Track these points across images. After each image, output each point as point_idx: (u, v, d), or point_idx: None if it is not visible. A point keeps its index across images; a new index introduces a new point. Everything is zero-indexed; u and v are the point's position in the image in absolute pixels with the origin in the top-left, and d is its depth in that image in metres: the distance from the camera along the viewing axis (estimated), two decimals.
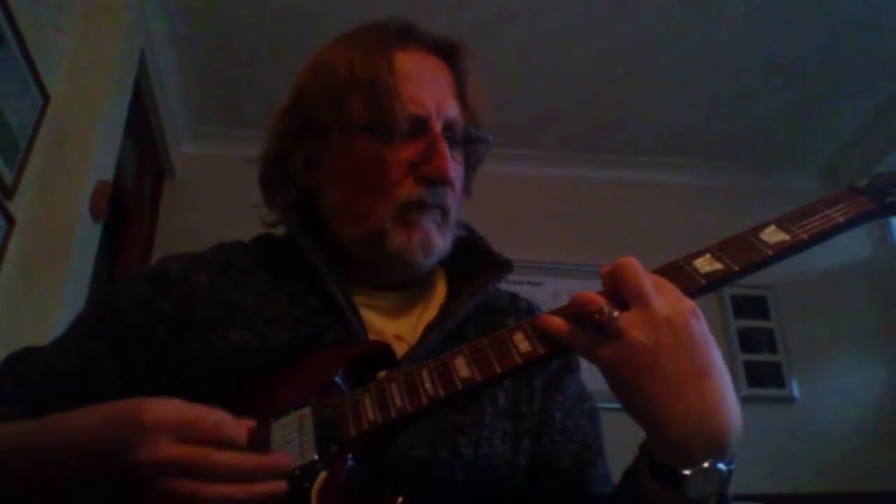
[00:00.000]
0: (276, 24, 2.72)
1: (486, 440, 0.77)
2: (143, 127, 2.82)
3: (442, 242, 0.85)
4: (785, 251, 0.66)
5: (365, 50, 0.85)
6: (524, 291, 0.98)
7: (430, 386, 0.66)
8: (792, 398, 3.18)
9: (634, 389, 0.60)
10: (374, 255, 0.85)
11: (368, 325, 0.83)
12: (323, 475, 0.64)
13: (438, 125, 0.83)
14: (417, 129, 0.83)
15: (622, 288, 0.63)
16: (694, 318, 0.61)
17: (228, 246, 0.93)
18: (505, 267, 0.90)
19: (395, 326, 0.85)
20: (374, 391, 0.68)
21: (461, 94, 0.88)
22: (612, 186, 3.49)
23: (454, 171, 0.84)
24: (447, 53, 0.90)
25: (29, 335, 1.67)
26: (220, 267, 0.87)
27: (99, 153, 2.11)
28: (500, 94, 2.87)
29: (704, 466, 0.59)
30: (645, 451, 0.64)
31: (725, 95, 3.14)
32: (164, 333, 0.80)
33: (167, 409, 0.61)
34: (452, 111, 0.86)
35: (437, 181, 0.82)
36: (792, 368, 3.21)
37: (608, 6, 2.68)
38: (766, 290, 3.30)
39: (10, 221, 1.80)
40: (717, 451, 0.59)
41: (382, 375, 0.71)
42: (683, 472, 0.59)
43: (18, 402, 0.77)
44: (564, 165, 3.49)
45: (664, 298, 0.62)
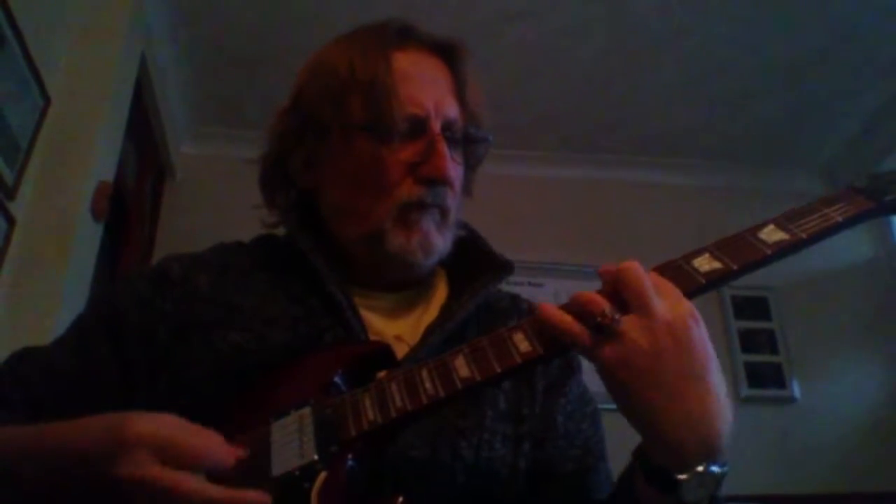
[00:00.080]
0: (276, 24, 2.72)
1: (486, 443, 0.76)
2: (143, 127, 2.82)
3: (442, 242, 0.85)
4: (784, 250, 0.66)
5: (364, 50, 0.85)
6: (525, 292, 0.98)
7: (429, 386, 0.66)
8: (793, 399, 3.18)
9: (632, 392, 0.61)
10: (373, 255, 0.85)
11: (368, 325, 0.83)
12: (323, 475, 0.64)
13: (437, 125, 0.83)
14: (416, 129, 0.83)
15: (624, 290, 0.63)
16: (693, 322, 0.62)
17: (228, 246, 0.93)
18: (506, 268, 0.90)
19: (395, 327, 0.85)
20: (373, 391, 0.68)
21: (460, 94, 0.88)
22: (612, 187, 3.49)
23: (453, 170, 0.84)
24: (446, 54, 0.90)
25: (29, 335, 1.67)
26: (220, 267, 0.87)
27: (100, 154, 2.11)
28: (500, 94, 2.88)
29: (699, 470, 0.59)
30: (639, 455, 0.65)
31: (725, 95, 3.14)
32: (164, 334, 0.80)
33: (152, 426, 0.60)
34: (451, 111, 0.86)
35: (436, 181, 0.82)
36: (793, 369, 3.21)
37: (608, 6, 2.68)
38: (767, 290, 3.30)
39: (10, 222, 1.80)
40: (710, 454, 0.60)
41: (382, 375, 0.71)
42: (678, 476, 0.59)
43: (19, 402, 0.77)
44: (564, 166, 3.49)
45: (665, 303, 0.62)
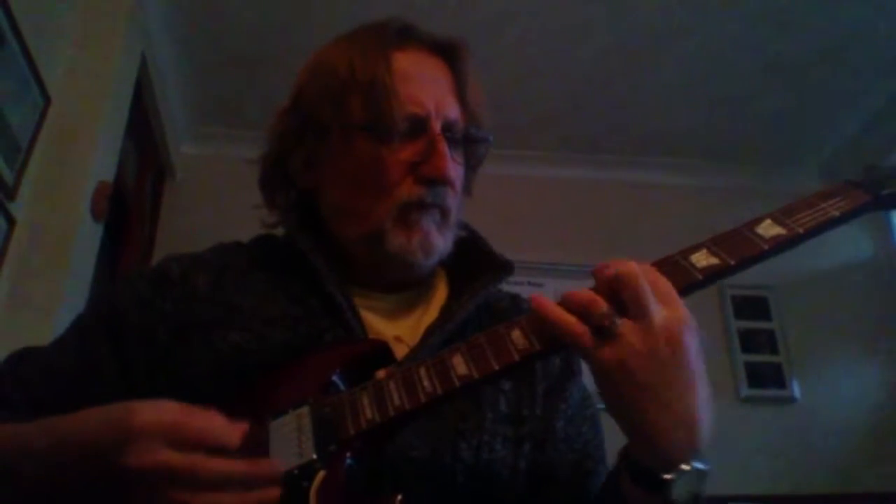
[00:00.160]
0: (276, 24, 2.72)
1: (486, 445, 0.76)
2: (143, 127, 2.82)
3: (442, 243, 0.84)
4: (781, 245, 0.66)
5: (364, 50, 0.85)
6: (525, 292, 0.97)
7: (428, 384, 0.66)
8: (793, 399, 3.18)
9: (625, 395, 0.61)
10: (373, 255, 0.85)
11: (368, 326, 0.83)
12: (321, 475, 0.64)
13: (437, 125, 0.83)
14: (416, 129, 0.83)
15: (623, 292, 0.62)
16: (688, 329, 0.62)
17: (228, 247, 0.93)
18: (506, 268, 0.89)
19: (395, 328, 0.85)
20: (372, 390, 0.68)
21: (461, 94, 0.88)
22: (612, 187, 3.49)
23: (454, 170, 0.84)
24: (447, 53, 0.90)
25: (29, 335, 1.67)
26: (219, 267, 0.87)
27: (99, 154, 2.11)
28: (499, 94, 2.87)
29: (685, 469, 0.60)
30: (625, 456, 0.65)
31: (725, 95, 3.14)
32: (164, 334, 0.80)
33: (157, 412, 0.60)
34: (452, 111, 0.86)
35: (436, 181, 0.82)
36: (793, 369, 3.21)
37: (608, 6, 2.68)
38: (767, 290, 3.30)
39: (10, 222, 1.80)
40: (694, 454, 0.61)
41: (380, 374, 0.71)
42: (665, 476, 0.60)
43: (19, 402, 0.77)
44: (564, 166, 3.49)
45: (663, 308, 0.62)
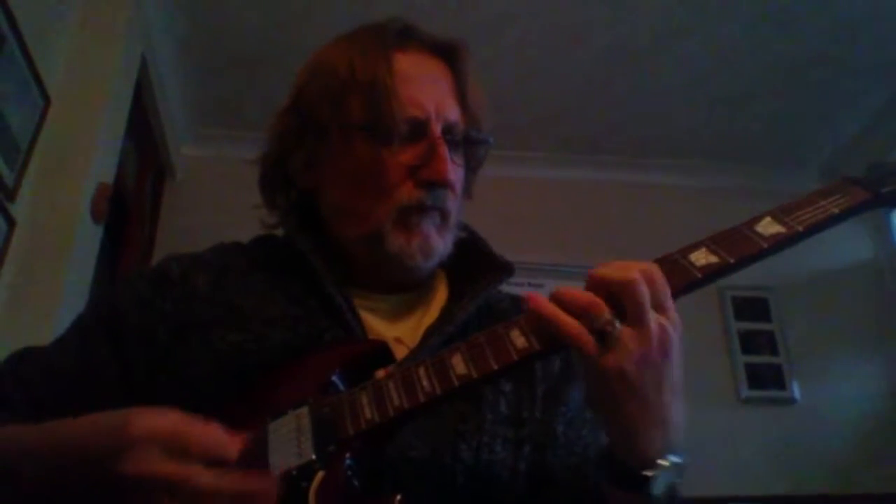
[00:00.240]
0: (276, 24, 2.72)
1: (486, 446, 0.76)
2: (143, 128, 2.82)
3: (441, 245, 0.84)
4: (781, 243, 0.66)
5: (365, 50, 0.85)
6: (525, 293, 0.98)
7: (427, 383, 0.65)
8: (793, 400, 3.18)
9: (617, 397, 0.62)
10: (373, 255, 0.84)
11: (368, 327, 0.82)
12: (321, 475, 0.64)
13: (438, 127, 0.83)
14: (417, 131, 0.82)
15: (625, 298, 0.62)
16: (677, 334, 0.63)
17: (228, 247, 0.93)
18: (506, 269, 0.89)
19: (395, 329, 0.85)
20: (371, 390, 0.68)
21: (461, 95, 0.88)
22: (612, 188, 3.49)
23: (454, 173, 0.84)
24: (447, 54, 0.89)
25: (29, 335, 1.67)
26: (219, 268, 0.86)
27: (99, 155, 2.11)
28: (499, 94, 2.87)
29: (664, 464, 0.61)
30: (603, 457, 0.66)
31: (725, 95, 3.14)
32: (164, 334, 0.80)
33: (156, 421, 0.60)
34: (452, 113, 0.85)
35: (436, 184, 0.82)
36: (793, 370, 3.21)
37: (608, 6, 2.68)
38: (767, 291, 3.30)
39: (10, 223, 1.80)
40: (669, 451, 0.62)
41: (380, 374, 0.71)
42: (646, 473, 0.61)
43: (19, 402, 0.77)
44: (564, 167, 3.49)
45: (657, 315, 0.62)
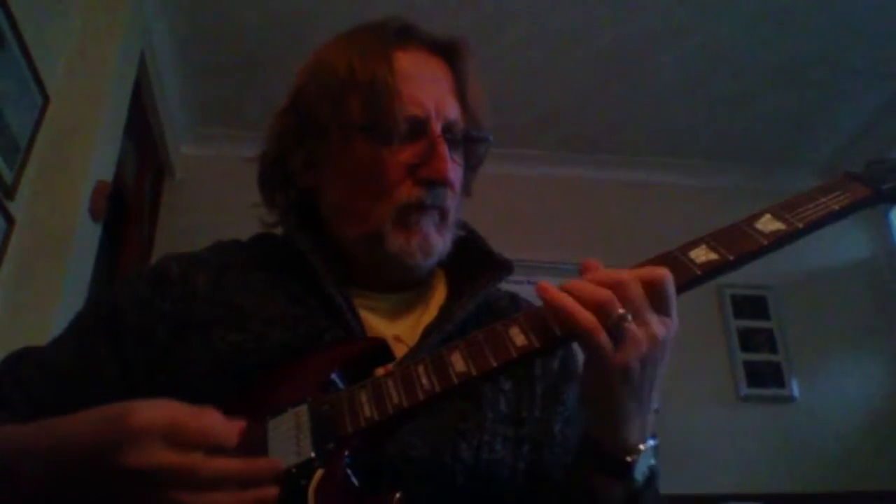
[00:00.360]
0: (276, 24, 2.72)
1: (486, 445, 0.76)
2: (142, 127, 2.82)
3: (441, 243, 0.84)
4: (781, 240, 0.66)
5: (364, 50, 0.85)
6: (524, 292, 0.97)
7: (426, 381, 0.66)
8: (792, 398, 3.18)
9: (614, 391, 0.63)
10: (373, 255, 0.84)
11: (368, 326, 0.82)
12: (320, 473, 0.64)
13: (438, 126, 0.83)
14: (416, 130, 0.82)
15: (624, 297, 0.62)
16: (670, 334, 0.64)
17: (227, 245, 0.93)
18: (505, 268, 0.89)
19: (394, 328, 0.85)
20: (370, 388, 0.68)
21: (461, 94, 0.88)
22: (612, 187, 3.50)
23: (453, 172, 0.84)
24: (447, 53, 0.89)
25: (28, 335, 1.67)
26: (219, 267, 0.86)
27: (99, 153, 2.11)
28: (500, 94, 2.87)
29: (642, 448, 0.65)
30: (585, 447, 0.68)
31: (725, 95, 3.14)
32: (163, 333, 0.79)
33: (156, 412, 0.60)
34: (452, 112, 0.85)
35: (436, 182, 0.82)
36: (792, 368, 3.22)
37: (608, 6, 2.68)
38: (766, 290, 3.31)
39: (9, 222, 1.80)
40: (645, 436, 0.66)
41: (379, 372, 0.71)
42: (628, 458, 0.65)
43: (18, 402, 0.76)
44: (564, 166, 3.49)
45: (656, 316, 0.63)
